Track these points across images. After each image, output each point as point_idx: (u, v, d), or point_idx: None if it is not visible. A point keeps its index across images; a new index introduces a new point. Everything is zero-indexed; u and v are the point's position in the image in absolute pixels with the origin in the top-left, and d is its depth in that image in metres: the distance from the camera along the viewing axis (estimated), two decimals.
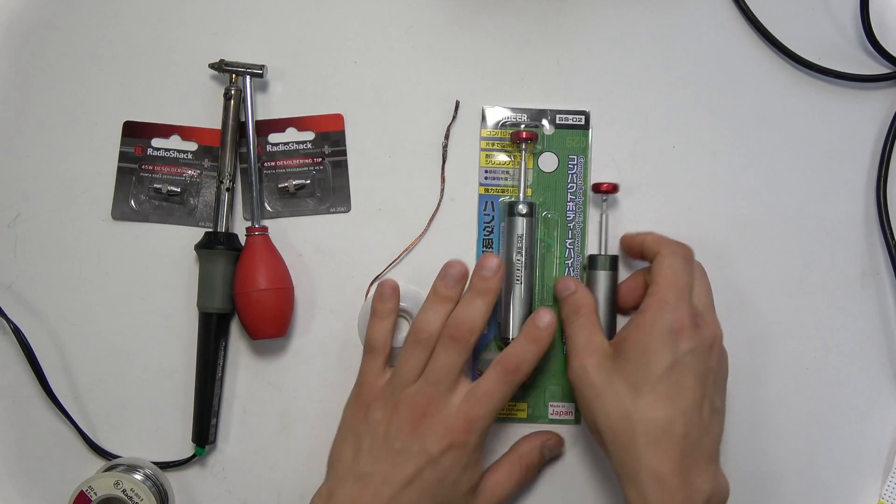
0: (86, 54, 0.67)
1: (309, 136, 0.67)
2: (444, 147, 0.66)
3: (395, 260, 0.66)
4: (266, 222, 0.66)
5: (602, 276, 0.64)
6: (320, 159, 0.67)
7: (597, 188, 0.65)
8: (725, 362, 0.61)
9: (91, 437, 0.65)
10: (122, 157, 0.66)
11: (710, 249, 0.67)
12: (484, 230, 0.66)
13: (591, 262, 0.64)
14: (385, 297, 0.63)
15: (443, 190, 0.66)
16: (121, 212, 0.66)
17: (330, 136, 0.67)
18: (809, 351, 0.67)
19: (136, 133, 0.67)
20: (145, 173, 0.66)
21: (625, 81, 0.67)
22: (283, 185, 0.66)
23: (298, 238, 0.67)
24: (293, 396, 0.66)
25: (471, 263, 0.63)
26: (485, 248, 0.66)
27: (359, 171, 0.67)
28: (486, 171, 0.66)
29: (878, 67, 0.68)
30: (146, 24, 0.67)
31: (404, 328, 0.65)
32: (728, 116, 0.67)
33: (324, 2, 0.67)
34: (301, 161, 0.67)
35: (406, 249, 0.66)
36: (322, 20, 0.67)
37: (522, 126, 0.66)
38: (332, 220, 0.67)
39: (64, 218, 0.66)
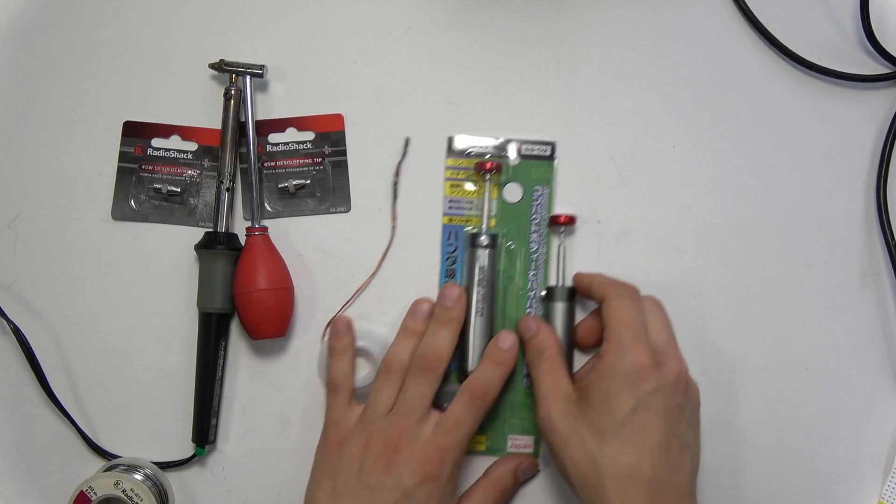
0: (86, 54, 0.67)
1: (309, 136, 0.67)
2: (395, 185, 0.65)
3: (350, 300, 0.66)
4: (266, 222, 0.66)
5: (560, 308, 0.64)
6: (320, 159, 0.67)
7: (554, 220, 0.65)
8: (695, 395, 0.60)
9: (91, 437, 0.65)
10: (122, 157, 0.66)
11: (710, 249, 0.67)
12: (447, 260, 0.66)
13: (549, 294, 0.64)
14: (340, 333, 0.64)
15: (394, 227, 0.66)
16: (121, 212, 0.66)
17: (330, 136, 0.67)
18: (809, 351, 0.67)
19: (136, 133, 0.67)
20: (145, 173, 0.66)
21: (625, 81, 0.67)
22: (283, 185, 0.66)
23: (298, 238, 0.67)
24: (293, 396, 0.66)
25: (433, 293, 0.64)
26: (448, 279, 0.66)
27: (359, 171, 0.67)
28: (450, 201, 0.66)
29: (878, 67, 0.68)
30: (146, 24, 0.67)
31: (361, 366, 0.65)
32: (728, 116, 0.67)
33: (324, 2, 0.67)
34: (301, 161, 0.67)
35: (359, 289, 0.66)
36: (322, 20, 0.67)
37: (487, 156, 0.66)
38: (332, 220, 0.67)
39: (64, 218, 0.66)
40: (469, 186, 0.66)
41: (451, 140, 0.66)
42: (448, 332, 0.62)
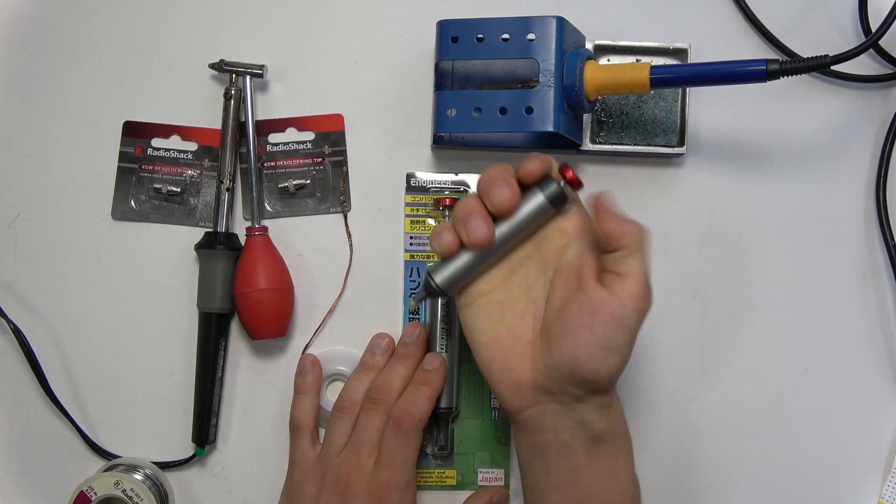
0: (86, 54, 0.67)
1: (309, 136, 0.67)
2: (342, 202, 0.65)
3: (319, 326, 0.66)
4: (266, 222, 0.66)
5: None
6: (320, 159, 0.67)
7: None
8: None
9: (91, 437, 0.65)
10: (122, 157, 0.66)
11: (710, 249, 0.67)
12: (410, 297, 0.66)
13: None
14: (305, 371, 0.65)
15: (351, 246, 0.66)
16: (121, 212, 0.66)
17: (330, 136, 0.67)
18: (809, 351, 0.67)
19: (136, 133, 0.67)
20: (145, 173, 0.66)
21: None
22: (283, 185, 0.66)
23: (298, 238, 0.67)
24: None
25: (398, 330, 0.65)
26: (412, 315, 0.66)
27: (359, 171, 0.67)
28: (410, 238, 0.66)
29: (878, 67, 0.68)
30: (146, 24, 0.67)
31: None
32: (728, 116, 0.67)
33: (324, 2, 0.67)
34: (301, 161, 0.67)
35: (329, 310, 0.66)
36: (322, 20, 0.67)
37: (446, 192, 0.66)
38: (332, 220, 0.67)
39: (64, 218, 0.66)
40: (430, 222, 0.66)
41: (409, 177, 0.67)
42: (403, 367, 0.62)
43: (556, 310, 0.55)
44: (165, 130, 0.67)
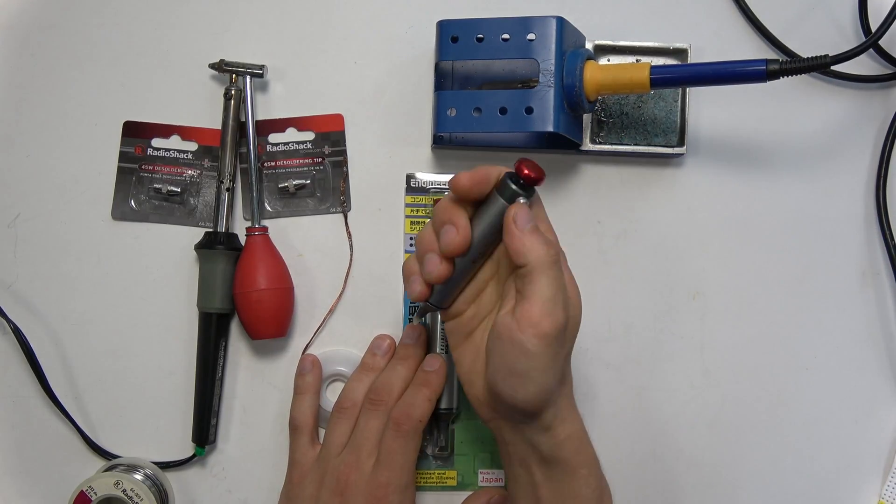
0: (86, 54, 0.67)
1: (309, 136, 0.67)
2: (342, 202, 0.65)
3: (320, 327, 0.66)
4: (266, 222, 0.66)
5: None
6: (320, 159, 0.67)
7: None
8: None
9: (91, 437, 0.65)
10: (122, 157, 0.66)
11: (710, 249, 0.67)
12: (411, 316, 0.66)
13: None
14: (304, 371, 0.65)
15: (351, 246, 0.66)
16: (121, 212, 0.66)
17: (330, 136, 0.67)
18: (809, 351, 0.67)
19: (136, 133, 0.67)
20: (145, 173, 0.66)
21: None
22: (283, 185, 0.66)
23: (298, 238, 0.67)
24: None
25: (398, 330, 0.65)
26: (412, 316, 0.66)
27: (359, 171, 0.67)
28: (411, 238, 0.66)
29: (878, 67, 0.68)
30: (146, 24, 0.67)
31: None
32: (728, 116, 0.67)
33: (324, 2, 0.67)
34: (301, 161, 0.67)
35: (330, 311, 0.66)
36: (322, 20, 0.67)
37: (446, 193, 0.66)
38: (332, 220, 0.67)
39: (64, 218, 0.66)
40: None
41: (409, 177, 0.67)
42: (403, 369, 0.62)
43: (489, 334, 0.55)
44: (165, 130, 0.67)
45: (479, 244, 0.54)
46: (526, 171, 0.52)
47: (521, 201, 0.53)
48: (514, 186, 0.53)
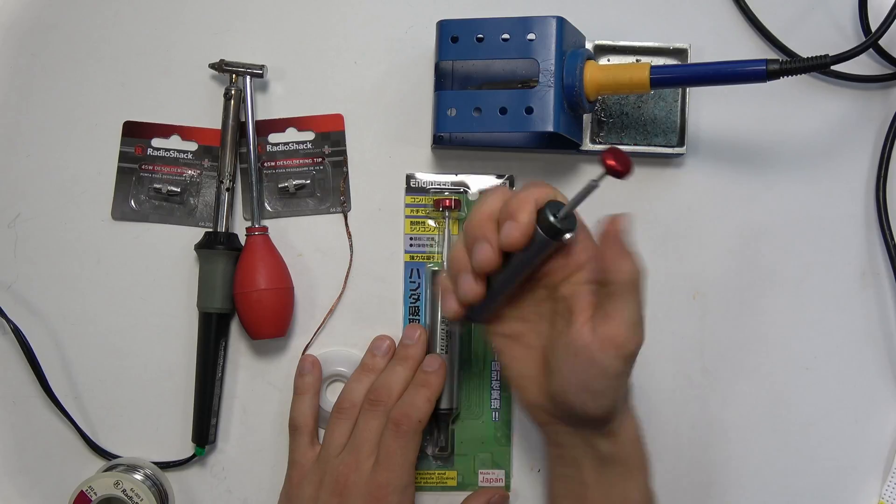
0: (86, 54, 0.67)
1: (309, 136, 0.67)
2: (342, 202, 0.65)
3: (320, 327, 0.66)
4: (266, 222, 0.66)
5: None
6: (320, 159, 0.67)
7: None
8: None
9: (91, 437, 0.65)
10: (122, 157, 0.66)
11: (710, 249, 0.67)
12: (410, 297, 0.66)
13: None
14: (304, 371, 0.65)
15: (351, 246, 0.66)
16: (121, 212, 0.66)
17: (330, 136, 0.67)
18: (809, 351, 0.67)
19: (136, 133, 0.67)
20: (145, 173, 0.66)
21: None
22: (283, 185, 0.66)
23: (298, 238, 0.67)
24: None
25: (398, 330, 0.65)
26: (412, 316, 0.66)
27: (359, 171, 0.67)
28: (411, 239, 0.66)
29: (878, 67, 0.68)
30: (146, 24, 0.67)
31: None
32: (728, 116, 0.67)
33: (324, 2, 0.67)
34: (301, 161, 0.67)
35: (329, 311, 0.66)
36: (322, 20, 0.67)
37: (446, 193, 0.66)
38: (332, 220, 0.67)
39: (64, 218, 0.66)
40: (430, 223, 0.66)
41: (409, 178, 0.67)
42: (403, 369, 0.62)
43: (552, 344, 0.54)
44: (165, 130, 0.67)
45: (519, 265, 0.53)
46: (610, 161, 0.48)
47: (567, 237, 0.51)
48: (552, 219, 0.50)
